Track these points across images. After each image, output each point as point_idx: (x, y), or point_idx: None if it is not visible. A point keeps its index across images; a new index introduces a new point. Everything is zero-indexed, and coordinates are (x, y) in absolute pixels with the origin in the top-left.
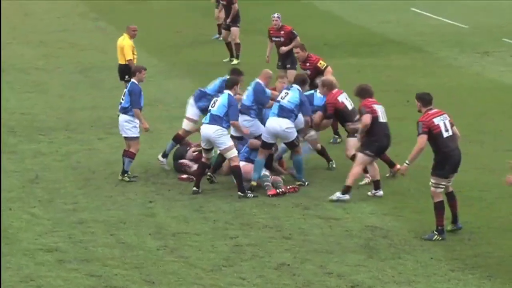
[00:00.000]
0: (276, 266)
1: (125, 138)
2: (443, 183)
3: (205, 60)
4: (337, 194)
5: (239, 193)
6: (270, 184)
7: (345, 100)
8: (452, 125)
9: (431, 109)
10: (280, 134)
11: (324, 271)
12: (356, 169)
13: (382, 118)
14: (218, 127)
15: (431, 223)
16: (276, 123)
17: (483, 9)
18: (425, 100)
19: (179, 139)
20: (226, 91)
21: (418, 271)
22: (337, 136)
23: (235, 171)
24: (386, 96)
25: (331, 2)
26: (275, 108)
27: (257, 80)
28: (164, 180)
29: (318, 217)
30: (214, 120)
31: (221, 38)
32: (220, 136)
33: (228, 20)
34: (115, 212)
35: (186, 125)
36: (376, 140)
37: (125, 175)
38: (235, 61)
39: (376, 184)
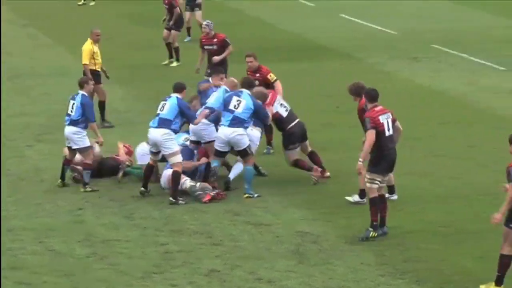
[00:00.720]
0: (207, 272)
1: (77, 150)
2: (378, 179)
3: (135, 66)
4: (354, 197)
5: (171, 198)
6: (200, 192)
7: (279, 107)
8: (394, 121)
9: (376, 105)
10: (231, 140)
11: (254, 277)
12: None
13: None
14: (167, 130)
15: (361, 228)
16: (228, 131)
17: (412, 15)
18: (371, 95)
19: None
20: (174, 95)
21: (348, 276)
22: (270, 147)
23: (175, 176)
24: (317, 102)
25: (262, 9)
26: (227, 117)
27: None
28: (93, 188)
29: (248, 223)
30: (163, 123)
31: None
32: (167, 140)
33: (171, 23)
34: (44, 220)
35: None
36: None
37: (86, 186)
38: (175, 63)
39: (390, 189)
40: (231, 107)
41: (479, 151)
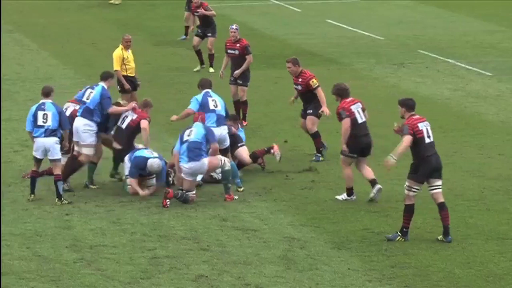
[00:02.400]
0: (194, 278)
1: (52, 160)
2: (416, 187)
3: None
4: (343, 196)
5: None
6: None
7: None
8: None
9: (414, 114)
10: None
11: (242, 282)
12: (345, 171)
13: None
14: (87, 121)
15: (349, 233)
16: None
17: (399, 21)
18: (408, 105)
19: None
20: (101, 83)
21: (336, 282)
22: (320, 155)
23: (75, 164)
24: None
25: (247, 14)
26: (213, 117)
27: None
28: (80, 193)
29: (236, 228)
30: (86, 112)
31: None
32: (84, 132)
33: (207, 31)
34: (32, 225)
35: None
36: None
37: (62, 199)
38: (211, 69)
39: (372, 182)
40: (211, 107)
41: (464, 156)
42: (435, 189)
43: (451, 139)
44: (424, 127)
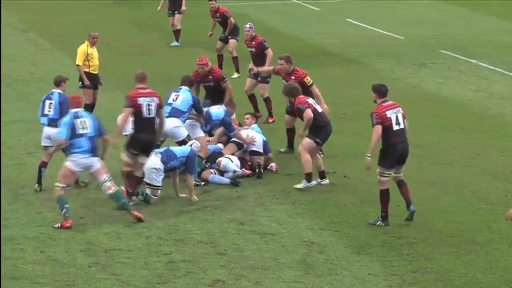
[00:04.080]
0: (211, 283)
1: (46, 147)
2: (387, 172)
3: (134, 72)
4: (303, 183)
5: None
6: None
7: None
8: (403, 118)
9: (385, 101)
10: (168, 132)
11: (259, 287)
12: (305, 156)
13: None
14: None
15: (369, 237)
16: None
17: (420, 20)
18: (380, 91)
19: None
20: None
21: (356, 287)
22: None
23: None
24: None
25: (266, 13)
26: (166, 110)
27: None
28: (95, 196)
29: (254, 232)
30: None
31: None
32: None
33: (226, 33)
34: (45, 229)
35: None
36: (324, 128)
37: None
38: (235, 75)
39: (321, 174)
40: (170, 100)
41: (487, 159)
42: (399, 174)
43: (474, 141)
44: (393, 114)
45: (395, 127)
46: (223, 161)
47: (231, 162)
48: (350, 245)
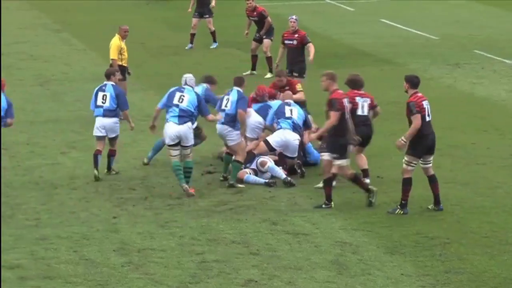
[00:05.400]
0: (244, 282)
1: (112, 138)
2: (414, 162)
3: (167, 72)
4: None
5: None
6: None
7: None
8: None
9: (417, 92)
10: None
11: (292, 287)
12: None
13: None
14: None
15: (402, 237)
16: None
17: (454, 20)
18: (413, 82)
19: None
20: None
21: (388, 287)
22: None
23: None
24: None
25: (300, 13)
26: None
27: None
28: (128, 196)
29: (286, 232)
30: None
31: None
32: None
33: (262, 32)
34: (79, 228)
35: None
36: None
37: (112, 170)
38: (268, 75)
39: (364, 172)
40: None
41: None
42: (427, 164)
43: (508, 141)
44: (426, 105)
45: (427, 118)
46: (269, 163)
47: (277, 167)
48: (383, 245)
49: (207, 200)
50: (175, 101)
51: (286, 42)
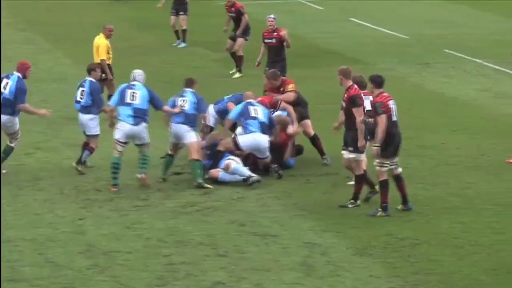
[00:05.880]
0: (211, 285)
1: (89, 136)
2: (386, 162)
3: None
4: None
5: None
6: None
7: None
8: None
9: (383, 92)
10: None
11: None
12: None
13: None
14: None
15: (371, 239)
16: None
17: (425, 19)
18: (377, 82)
19: None
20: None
21: None
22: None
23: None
24: (326, 108)
25: (268, 13)
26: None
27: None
28: (94, 197)
29: (255, 233)
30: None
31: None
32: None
33: (238, 32)
34: (44, 230)
35: None
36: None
37: (79, 165)
38: (237, 75)
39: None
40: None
41: (491, 159)
42: (393, 165)
43: (478, 141)
44: (392, 105)
45: (394, 118)
46: (232, 164)
47: (242, 166)
48: (352, 246)
49: (174, 201)
50: (128, 100)
51: (266, 41)
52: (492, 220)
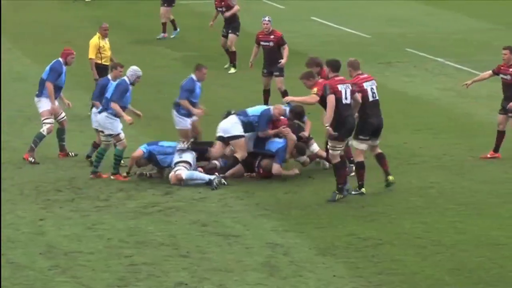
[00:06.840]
0: (173, 285)
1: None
2: (339, 145)
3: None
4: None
5: None
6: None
7: None
8: (353, 93)
9: (337, 75)
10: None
11: None
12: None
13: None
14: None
15: (334, 239)
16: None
17: (386, 18)
18: (333, 66)
19: None
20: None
21: None
22: None
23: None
24: None
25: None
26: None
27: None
28: (54, 197)
29: (217, 234)
30: None
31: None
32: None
33: (227, 29)
34: (4, 231)
35: None
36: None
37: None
38: (232, 70)
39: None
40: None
41: (454, 159)
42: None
43: (441, 140)
44: (343, 88)
45: (344, 101)
46: (183, 175)
47: (193, 169)
48: (314, 246)
49: (135, 201)
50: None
51: (262, 43)
52: (455, 220)
